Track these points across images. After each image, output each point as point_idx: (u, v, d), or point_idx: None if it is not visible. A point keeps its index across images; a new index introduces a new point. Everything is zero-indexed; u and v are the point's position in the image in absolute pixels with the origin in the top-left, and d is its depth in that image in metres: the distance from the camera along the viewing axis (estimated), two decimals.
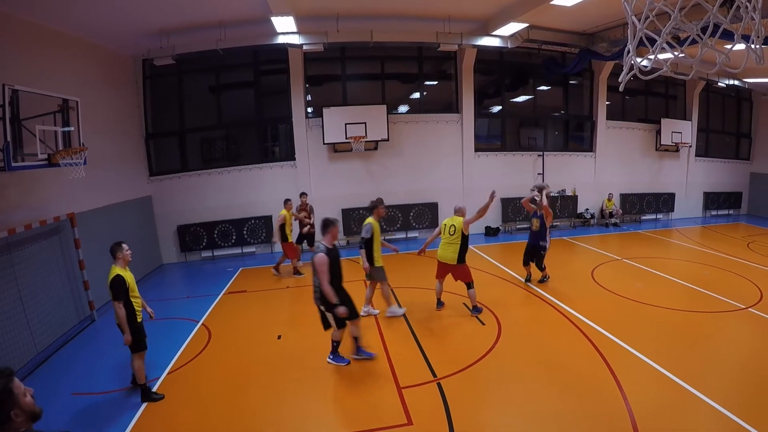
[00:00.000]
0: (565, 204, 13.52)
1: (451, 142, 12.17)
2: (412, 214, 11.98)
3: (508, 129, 13.17)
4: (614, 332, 6.22)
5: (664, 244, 12.41)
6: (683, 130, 14.67)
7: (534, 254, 8.06)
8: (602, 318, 6.72)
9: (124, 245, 4.56)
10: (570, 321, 6.65)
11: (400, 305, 7.07)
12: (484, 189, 12.34)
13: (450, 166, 12.20)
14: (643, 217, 15.09)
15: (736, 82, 14.40)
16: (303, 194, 9.49)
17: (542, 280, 8.28)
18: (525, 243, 8.49)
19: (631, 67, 3.65)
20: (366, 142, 11.03)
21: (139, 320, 4.57)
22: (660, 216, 15.55)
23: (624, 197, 14.45)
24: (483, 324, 6.51)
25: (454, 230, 6.67)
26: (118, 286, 4.37)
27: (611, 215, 14.03)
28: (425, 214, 12.00)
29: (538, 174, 13.04)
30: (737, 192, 16.59)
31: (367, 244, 6.20)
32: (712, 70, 3.90)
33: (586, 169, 13.84)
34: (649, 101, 14.82)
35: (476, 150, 12.45)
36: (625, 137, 14.19)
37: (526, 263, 8.21)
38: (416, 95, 12.33)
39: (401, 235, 12.05)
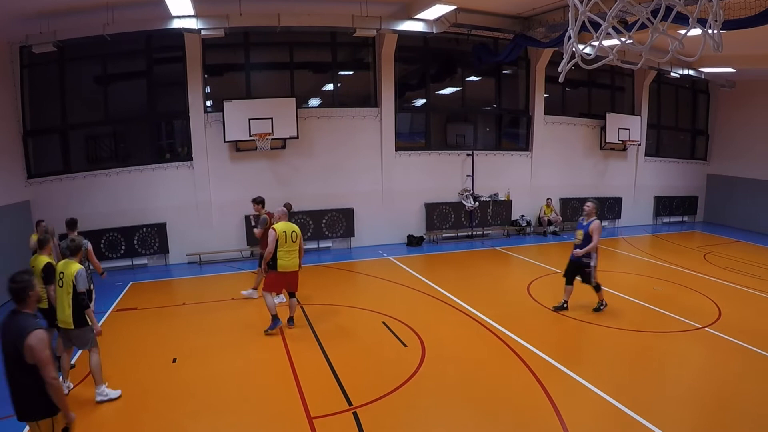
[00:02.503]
0: (497, 210, 17.79)
1: (369, 139, 16.04)
2: (324, 221, 15.72)
3: (433, 125, 17.34)
4: (553, 354, 8.01)
5: (609, 255, 16.09)
6: (631, 127, 19.40)
7: (578, 271, 9.79)
8: (539, 338, 8.65)
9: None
10: (503, 342, 8.64)
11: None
12: (407, 192, 16.46)
13: (368, 167, 16.10)
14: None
15: (691, 72, 18.86)
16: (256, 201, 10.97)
17: (597, 309, 9.97)
18: (452, 254, 12.08)
19: (573, 55, 4.58)
20: (272, 139, 14.52)
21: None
22: (605, 224, 20.12)
23: (564, 202, 19.00)
24: (405, 345, 8.49)
25: (296, 236, 8.88)
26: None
27: (550, 222, 18.47)
28: (339, 222, 15.74)
29: (467, 176, 17.20)
30: (692, 196, 21.61)
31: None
32: (664, 59, 4.81)
33: (521, 171, 18.24)
34: (593, 94, 19.50)
35: (397, 149, 16.41)
36: (565, 134, 18.73)
37: (569, 281, 9.94)
38: (329, 87, 16.13)
39: (313, 245, 15.75)
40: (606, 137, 18.90)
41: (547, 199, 18.38)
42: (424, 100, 17.12)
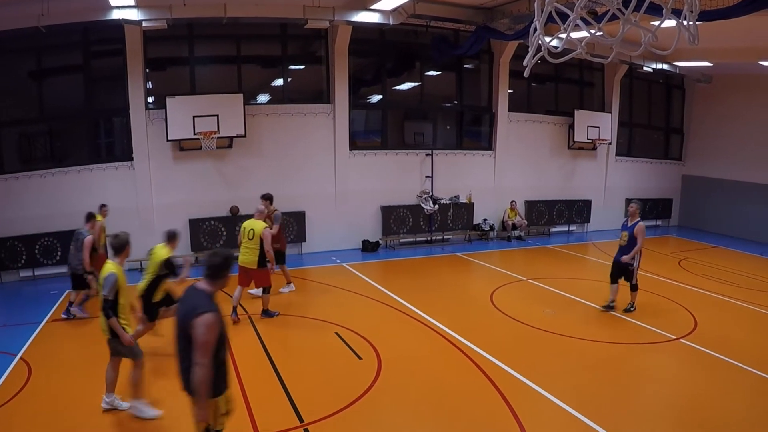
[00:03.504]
0: (458, 213, 19.62)
1: (322, 138, 17.65)
2: None
3: (390, 123, 19.09)
4: (518, 368, 8.71)
5: (578, 261, 17.82)
6: (601, 124, 21.33)
7: (622, 271, 11.56)
8: (503, 351, 9.37)
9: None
10: (464, 354, 9.36)
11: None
12: (362, 194, 17.97)
13: (320, 168, 17.73)
14: (553, 229, 21.79)
15: (665, 66, 20.71)
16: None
17: (628, 309, 11.73)
18: (410, 260, 13.64)
19: (539, 48, 4.92)
20: (218, 138, 15.89)
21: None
22: (573, 228, 22.29)
23: (530, 205, 20.96)
24: (360, 358, 9.18)
25: (253, 234, 10.75)
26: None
27: (514, 227, 20.33)
28: (290, 226, 17.30)
29: (426, 177, 19.00)
30: (666, 199, 23.87)
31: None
32: (637, 52, 5.29)
33: (484, 172, 20.12)
34: (561, 90, 21.51)
35: (352, 148, 18.09)
36: (531, 133, 20.66)
37: (613, 281, 11.77)
38: (279, 82, 17.73)
39: None
40: (574, 136, 20.84)
41: (512, 201, 20.20)
42: (381, 97, 18.90)
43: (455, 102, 19.99)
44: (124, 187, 15.63)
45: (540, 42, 5.06)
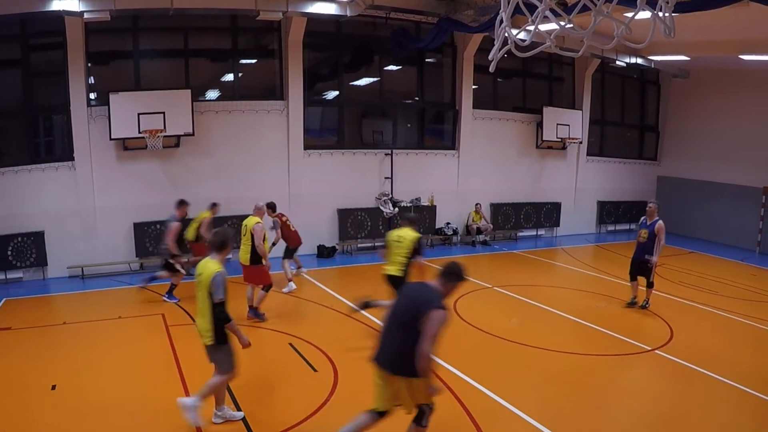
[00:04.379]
0: (420, 217, 20.55)
1: (275, 137, 18.93)
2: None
3: (347, 120, 20.48)
4: (482, 380, 9.26)
5: (547, 267, 18.80)
6: (571, 122, 22.91)
7: (641, 268, 13.51)
8: (466, 362, 9.87)
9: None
10: None
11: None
12: (317, 197, 19.20)
13: (273, 169, 19.04)
14: (520, 234, 23.39)
15: (640, 61, 22.09)
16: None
17: (644, 306, 13.64)
18: (368, 266, 14.73)
19: (505, 41, 5.04)
20: (165, 137, 16.97)
21: None
22: (542, 232, 23.92)
23: (495, 208, 22.60)
24: (315, 371, 9.74)
25: (246, 230, 12.42)
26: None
27: (479, 231, 21.87)
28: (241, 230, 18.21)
29: (386, 178, 20.49)
30: (641, 201, 25.15)
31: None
32: (609, 45, 5.32)
33: (446, 172, 21.62)
34: (529, 85, 23.03)
35: (306, 147, 19.40)
36: (497, 131, 22.19)
37: (633, 278, 13.84)
38: (230, 78, 19.01)
39: None
40: (543, 134, 22.44)
41: (476, 204, 21.70)
42: (337, 93, 20.31)
43: (416, 99, 21.45)
44: (65, 189, 16.55)
45: (506, 35, 5.35)
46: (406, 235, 10.99)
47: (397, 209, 20.08)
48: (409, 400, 6.53)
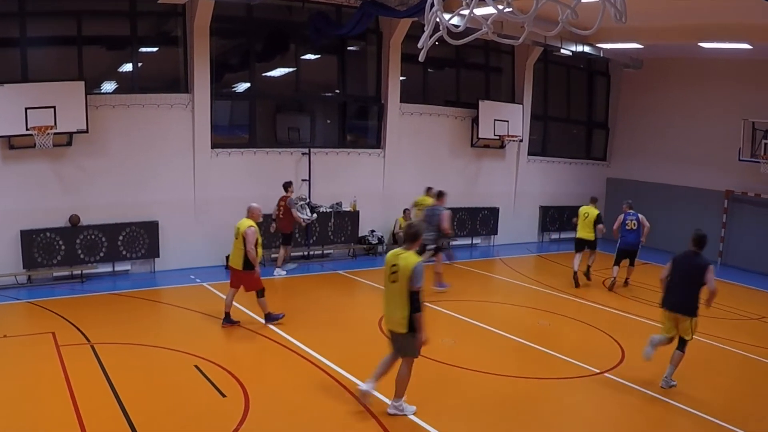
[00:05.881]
0: (341, 223, 23.12)
1: (179, 134, 20.46)
2: (121, 238, 19.82)
3: (259, 116, 22.29)
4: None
5: (483, 280, 20.44)
6: (511, 118, 25.14)
7: (630, 254, 19.38)
8: (392, 386, 10.09)
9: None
10: (347, 390, 10.59)
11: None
12: (226, 201, 21.37)
13: (176, 170, 20.62)
14: (454, 243, 24.90)
15: (587, 49, 23.83)
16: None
17: (627, 283, 19.53)
18: (283, 279, 16.94)
19: (437, 27, 5.51)
20: (56, 134, 18.03)
21: None
22: (477, 241, 26.24)
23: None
24: (224, 396, 10.34)
25: (237, 232, 13.98)
26: None
27: None
28: (140, 239, 20.17)
29: (303, 180, 22.42)
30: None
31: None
32: (553, 32, 5.81)
33: (371, 174, 23.76)
34: (463, 77, 25.29)
35: (214, 146, 21.01)
36: (427, 127, 24.36)
37: (617, 263, 19.57)
38: (128, 68, 20.53)
39: (107, 268, 19.87)
40: (479, 131, 24.66)
41: (405, 210, 23.57)
42: (248, 85, 22.21)
43: (337, 91, 23.49)
44: None
45: (438, 20, 5.61)
46: (590, 211, 19.27)
47: (315, 215, 21.69)
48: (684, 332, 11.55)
